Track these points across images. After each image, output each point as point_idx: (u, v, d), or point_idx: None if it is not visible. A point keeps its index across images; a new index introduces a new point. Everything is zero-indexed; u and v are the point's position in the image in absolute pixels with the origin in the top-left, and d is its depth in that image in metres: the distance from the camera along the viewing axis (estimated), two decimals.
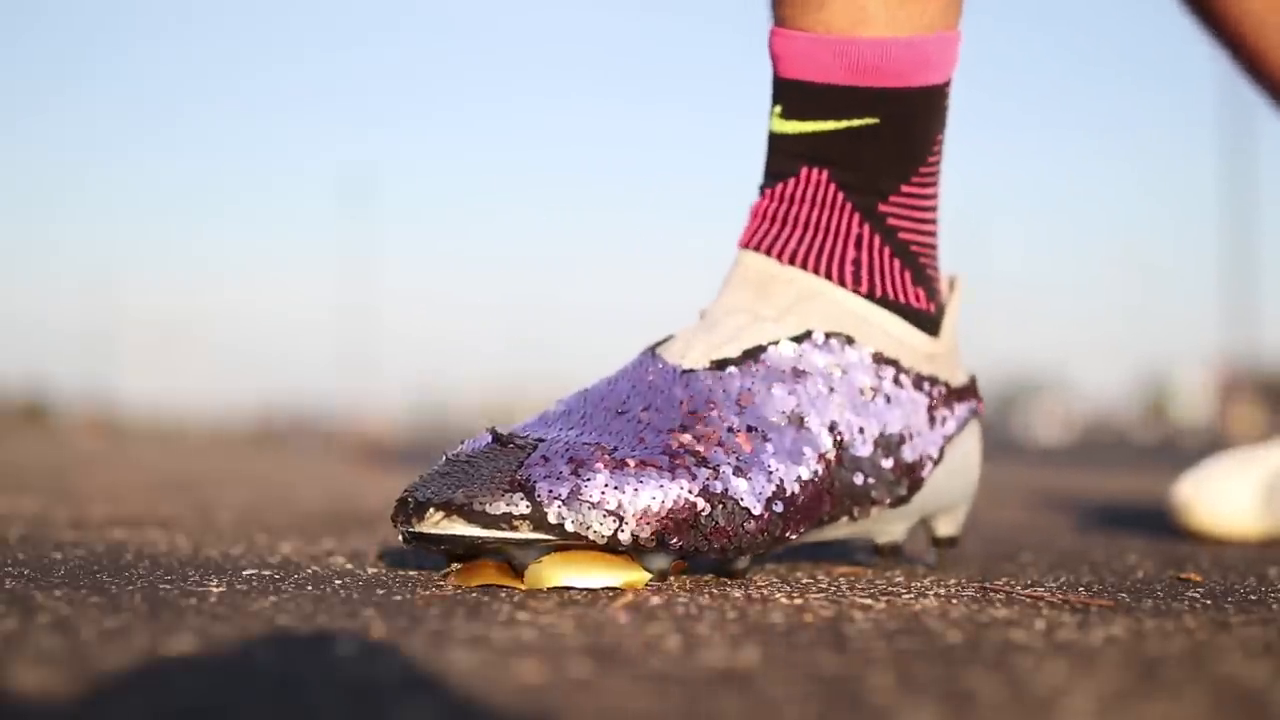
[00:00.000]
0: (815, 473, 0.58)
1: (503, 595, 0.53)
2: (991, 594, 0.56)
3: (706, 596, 0.54)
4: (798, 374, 0.59)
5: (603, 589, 0.55)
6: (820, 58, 0.61)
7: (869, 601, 0.53)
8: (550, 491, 0.54)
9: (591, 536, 0.54)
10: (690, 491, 0.55)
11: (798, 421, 0.59)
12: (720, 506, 0.56)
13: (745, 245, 0.63)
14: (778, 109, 0.63)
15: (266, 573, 0.60)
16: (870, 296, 0.62)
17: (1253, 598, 0.57)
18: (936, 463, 0.62)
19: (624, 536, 0.54)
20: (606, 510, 0.54)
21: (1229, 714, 0.34)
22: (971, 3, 0.66)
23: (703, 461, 0.56)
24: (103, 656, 0.39)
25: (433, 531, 0.55)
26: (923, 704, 0.34)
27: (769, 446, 0.58)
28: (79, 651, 0.39)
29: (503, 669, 0.38)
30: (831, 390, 0.60)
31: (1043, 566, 0.69)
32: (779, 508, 0.57)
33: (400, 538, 0.57)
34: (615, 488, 0.54)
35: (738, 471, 0.56)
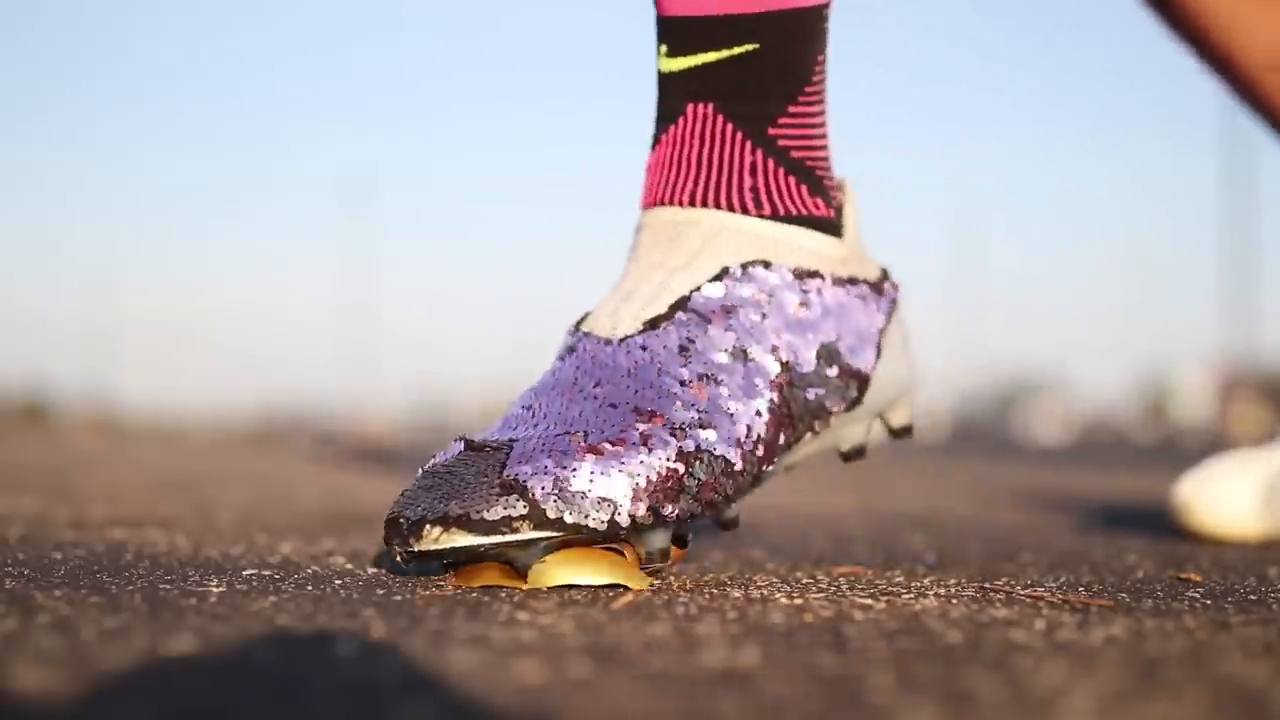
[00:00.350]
0: (771, 401, 0.59)
1: (503, 595, 0.53)
2: (991, 594, 0.56)
3: (706, 596, 0.54)
4: (728, 310, 0.60)
5: (603, 589, 0.55)
6: None
7: (869, 601, 0.53)
8: (543, 488, 0.54)
9: (592, 524, 0.54)
10: (669, 459, 0.56)
11: (742, 355, 0.59)
12: (699, 463, 0.56)
13: (647, 205, 0.63)
14: (663, 49, 0.63)
15: (266, 573, 0.60)
16: (775, 216, 0.62)
17: (1253, 598, 0.57)
18: (878, 358, 0.63)
19: (622, 519, 0.54)
20: (599, 498, 0.54)
21: (1229, 714, 0.34)
22: (973, 3, 0.66)
23: (669, 425, 0.57)
24: (103, 656, 0.39)
25: (435, 548, 0.54)
26: (923, 704, 0.34)
27: (723, 390, 0.58)
28: (79, 651, 0.39)
29: (503, 669, 0.38)
30: (764, 316, 0.60)
31: (1043, 566, 0.69)
32: (749, 446, 0.58)
33: (398, 558, 0.56)
34: (602, 474, 0.55)
35: (703, 424, 0.57)
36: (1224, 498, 0.88)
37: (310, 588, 0.55)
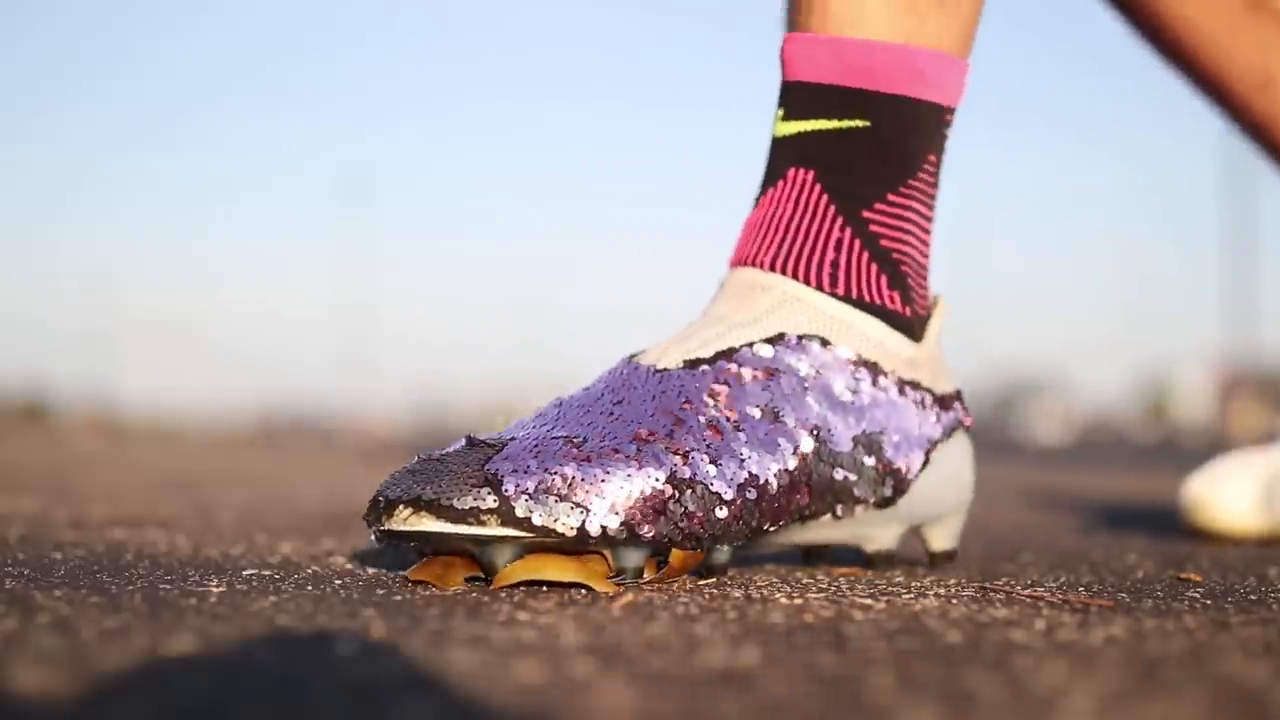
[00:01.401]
0: (791, 465, 0.58)
1: (503, 595, 0.53)
2: (991, 594, 0.56)
3: (706, 596, 0.54)
4: (771, 373, 0.59)
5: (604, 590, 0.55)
6: (818, 56, 0.62)
7: (869, 601, 0.53)
8: (517, 485, 0.54)
9: (560, 529, 0.54)
10: (657, 480, 0.55)
11: (772, 416, 0.58)
12: (689, 492, 0.55)
13: (733, 263, 0.64)
14: (780, 112, 0.64)
15: (266, 573, 0.60)
16: (847, 298, 0.62)
17: (1253, 598, 0.57)
18: (923, 467, 0.62)
19: (592, 527, 0.54)
20: (573, 502, 0.54)
21: (1229, 714, 0.34)
22: None
23: (672, 449, 0.56)
24: (103, 656, 0.39)
25: (402, 528, 0.55)
26: (923, 704, 0.34)
27: (741, 435, 0.57)
28: (79, 651, 0.39)
29: (503, 669, 0.38)
30: (806, 390, 0.59)
31: (1043, 566, 0.69)
32: (752, 495, 0.57)
33: (373, 537, 0.57)
34: (581, 479, 0.54)
35: (708, 459, 0.56)
36: (1232, 495, 0.88)
37: (310, 588, 0.55)
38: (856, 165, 0.62)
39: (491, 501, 0.53)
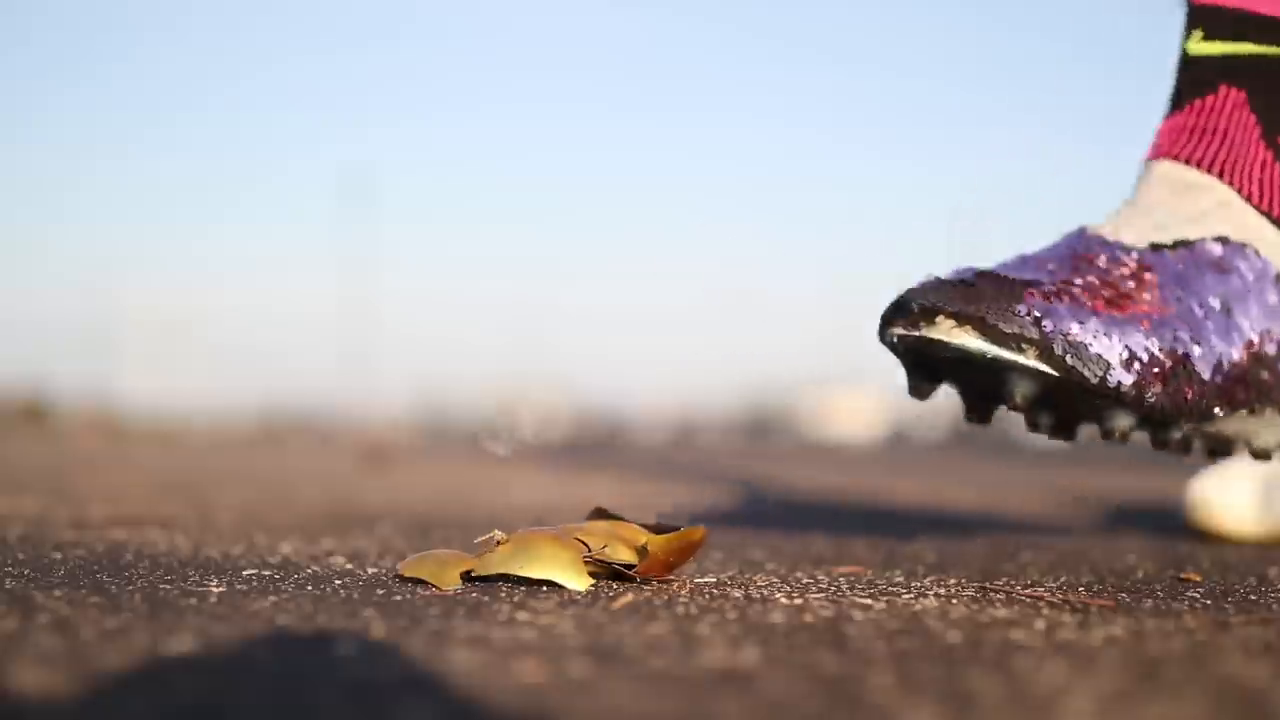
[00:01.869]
0: (1240, 358, 0.61)
1: (503, 595, 0.53)
2: (991, 594, 0.56)
3: (706, 596, 0.54)
4: (1222, 269, 0.62)
5: (603, 590, 0.55)
6: None
7: (869, 601, 0.53)
8: (1056, 326, 0.56)
9: (1087, 375, 0.56)
10: (1160, 350, 0.58)
11: (1226, 310, 0.61)
12: (1182, 368, 0.59)
13: (1157, 156, 0.66)
14: (1197, 34, 0.67)
15: (266, 573, 0.60)
16: (1268, 216, 0.65)
17: (1253, 598, 0.57)
18: None
19: (1111, 380, 0.57)
20: (1097, 354, 0.57)
21: (1229, 714, 0.34)
22: (977, 4, 0.67)
23: (1166, 323, 0.59)
24: (103, 656, 0.39)
25: (942, 338, 0.56)
26: (923, 704, 0.34)
27: (1210, 324, 0.61)
28: (79, 651, 0.39)
29: (503, 669, 0.38)
30: (1248, 291, 0.62)
31: (1043, 566, 0.69)
32: (1218, 380, 0.60)
33: (886, 339, 0.58)
34: (1105, 334, 0.57)
35: (1193, 339, 0.59)
36: (1237, 497, 0.88)
37: (310, 588, 0.55)
38: (1278, 91, 0.65)
39: (1034, 333, 0.56)
